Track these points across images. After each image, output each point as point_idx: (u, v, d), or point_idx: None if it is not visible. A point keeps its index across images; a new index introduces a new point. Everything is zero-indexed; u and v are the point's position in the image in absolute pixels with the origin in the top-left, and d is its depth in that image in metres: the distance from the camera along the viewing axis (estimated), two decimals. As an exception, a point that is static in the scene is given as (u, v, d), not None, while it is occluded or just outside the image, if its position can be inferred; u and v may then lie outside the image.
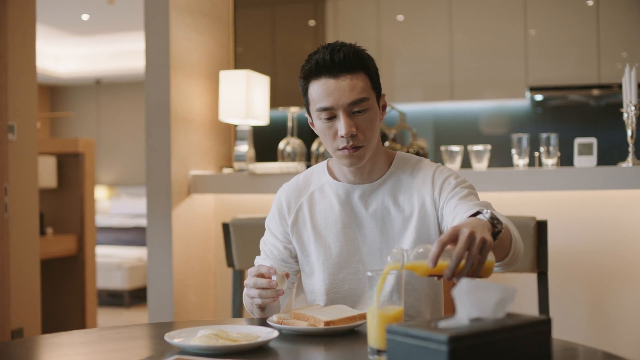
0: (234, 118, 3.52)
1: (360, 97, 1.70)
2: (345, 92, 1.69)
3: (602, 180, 2.93)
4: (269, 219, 1.92)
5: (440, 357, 1.00)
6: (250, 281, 1.63)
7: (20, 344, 1.62)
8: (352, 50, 1.71)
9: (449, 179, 1.79)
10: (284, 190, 1.92)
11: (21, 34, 3.75)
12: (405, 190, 1.81)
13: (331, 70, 1.70)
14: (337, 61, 1.69)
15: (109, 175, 10.46)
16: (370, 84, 1.73)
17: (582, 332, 3.12)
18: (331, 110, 1.71)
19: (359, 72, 1.71)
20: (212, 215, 3.74)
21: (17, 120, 3.67)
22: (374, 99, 1.75)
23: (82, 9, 7.65)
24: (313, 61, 1.72)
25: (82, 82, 10.44)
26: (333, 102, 1.70)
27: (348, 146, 1.71)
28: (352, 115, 1.71)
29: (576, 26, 5.13)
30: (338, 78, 1.70)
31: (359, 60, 1.71)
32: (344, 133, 1.70)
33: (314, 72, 1.72)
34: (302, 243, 1.85)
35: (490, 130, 5.63)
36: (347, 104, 1.70)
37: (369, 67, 1.74)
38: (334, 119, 1.72)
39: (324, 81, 1.71)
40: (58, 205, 5.33)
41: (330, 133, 1.73)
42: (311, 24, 5.66)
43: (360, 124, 1.72)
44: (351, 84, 1.70)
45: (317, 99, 1.72)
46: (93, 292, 5.33)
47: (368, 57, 1.76)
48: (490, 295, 1.10)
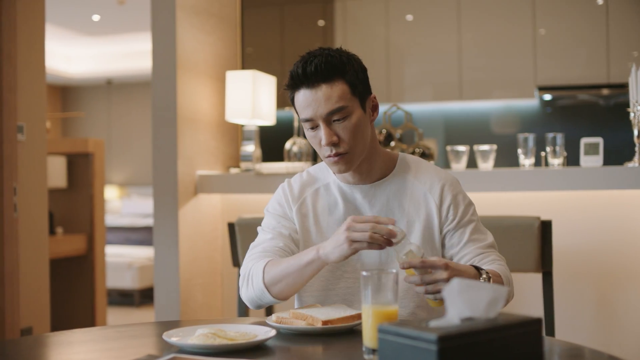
0: (241, 118, 3.53)
1: (337, 107, 1.70)
2: (321, 103, 1.70)
3: (608, 180, 2.92)
4: (272, 206, 1.90)
5: (430, 356, 1.01)
6: (365, 225, 1.54)
7: (19, 342, 1.63)
8: (325, 60, 1.69)
9: (458, 199, 1.83)
10: (289, 182, 1.92)
11: (30, 34, 3.78)
12: (411, 194, 1.82)
13: (306, 81, 1.71)
14: (309, 73, 1.69)
15: (120, 175, 10.50)
16: (349, 90, 1.72)
17: (587, 332, 3.11)
18: (312, 120, 1.73)
19: (334, 81, 1.70)
20: (219, 215, 3.76)
21: (26, 120, 3.70)
22: (355, 105, 1.74)
23: (93, 10, 7.69)
24: (290, 74, 1.74)
25: (93, 83, 10.49)
26: (312, 113, 1.71)
27: (332, 154, 1.73)
28: (332, 124, 1.72)
29: (585, 25, 5.11)
30: (313, 89, 1.70)
31: (332, 69, 1.70)
32: (324, 143, 1.71)
33: (292, 84, 1.74)
34: (303, 234, 1.85)
35: (499, 130, 5.62)
36: (325, 114, 1.70)
37: (347, 73, 1.72)
38: (317, 128, 1.73)
39: (302, 92, 1.72)
40: (68, 205, 5.37)
41: (316, 141, 1.75)
42: (320, 24, 5.67)
43: (340, 132, 1.72)
44: (327, 94, 1.70)
45: (300, 110, 1.75)
46: (103, 292, 5.36)
47: (348, 61, 1.73)
48: (482, 295, 1.10)
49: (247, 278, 1.74)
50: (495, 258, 1.78)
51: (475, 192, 3.13)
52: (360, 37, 5.55)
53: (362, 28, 5.56)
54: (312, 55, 1.72)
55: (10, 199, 3.50)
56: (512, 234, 2.55)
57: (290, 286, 1.67)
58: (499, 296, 1.11)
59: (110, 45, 9.30)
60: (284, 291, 1.68)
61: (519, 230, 2.55)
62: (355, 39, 5.55)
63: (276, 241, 1.81)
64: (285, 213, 1.87)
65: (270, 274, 1.68)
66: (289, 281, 1.66)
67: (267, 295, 1.69)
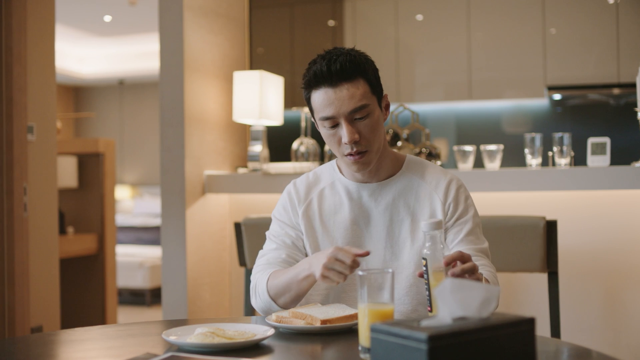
0: (248, 118, 3.54)
1: (361, 105, 1.73)
2: (345, 101, 1.72)
3: (614, 180, 2.91)
4: (278, 211, 1.93)
5: (420, 355, 1.01)
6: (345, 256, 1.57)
7: (17, 341, 1.65)
8: (349, 59, 1.72)
9: (460, 197, 1.84)
10: (294, 184, 1.94)
11: (40, 35, 3.80)
12: (417, 192, 1.84)
13: (329, 80, 1.72)
14: (334, 71, 1.71)
15: (132, 175, 10.55)
16: (369, 89, 1.75)
17: (593, 332, 3.10)
18: (333, 119, 1.74)
19: (357, 79, 1.73)
20: (227, 214, 3.77)
21: (36, 120, 3.73)
22: (374, 103, 1.77)
23: (105, 11, 7.74)
24: (312, 72, 1.75)
25: (105, 83, 10.55)
26: (334, 111, 1.73)
27: (353, 152, 1.75)
28: (353, 122, 1.74)
29: (595, 25, 5.09)
30: (337, 87, 1.72)
31: (356, 68, 1.73)
32: (347, 140, 1.73)
33: (314, 83, 1.75)
34: (310, 236, 1.87)
35: (508, 130, 5.60)
36: (348, 112, 1.72)
37: (367, 72, 1.75)
38: (337, 127, 1.75)
39: (323, 91, 1.74)
40: (79, 204, 5.40)
41: (335, 140, 1.77)
42: (330, 24, 5.67)
43: (362, 130, 1.75)
44: (350, 92, 1.72)
45: (319, 108, 1.75)
46: (113, 291, 5.39)
47: (366, 61, 1.77)
48: (475, 295, 1.10)
49: (255, 290, 1.80)
50: (486, 264, 1.78)
51: (482, 192, 3.13)
52: (370, 37, 5.56)
53: (372, 28, 5.56)
54: (335, 54, 1.74)
55: (20, 199, 3.53)
56: (517, 234, 2.55)
57: (294, 297, 1.72)
58: (491, 296, 1.11)
59: (122, 46, 9.35)
60: (289, 302, 1.73)
61: (525, 230, 2.54)
62: (365, 39, 5.55)
63: (279, 252, 1.86)
64: (289, 219, 1.90)
65: (274, 288, 1.74)
66: (291, 294, 1.71)
67: (274, 305, 1.75)
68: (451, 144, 5.62)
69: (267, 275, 1.76)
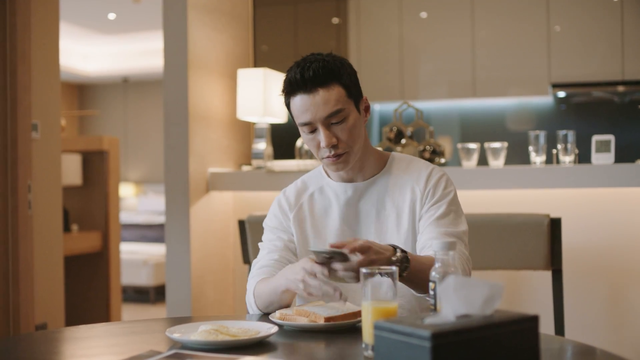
0: (252, 116, 3.54)
1: (336, 110, 1.77)
2: (320, 107, 1.76)
3: (619, 177, 2.91)
4: (269, 219, 1.98)
5: (423, 352, 1.01)
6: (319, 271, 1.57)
7: (20, 338, 1.65)
8: (322, 65, 1.76)
9: (439, 185, 1.85)
10: (284, 193, 1.99)
11: (45, 33, 3.81)
12: (400, 186, 1.87)
13: (304, 87, 1.76)
14: (307, 78, 1.75)
15: (136, 173, 10.56)
16: (345, 93, 1.78)
17: (598, 330, 3.10)
18: (310, 124, 1.78)
19: (331, 85, 1.76)
20: (231, 212, 3.77)
21: (40, 118, 3.73)
22: (351, 107, 1.80)
23: (109, 8, 7.74)
24: (287, 80, 1.80)
25: (109, 81, 10.55)
26: (310, 117, 1.77)
27: (331, 155, 1.79)
28: (330, 127, 1.78)
29: (600, 22, 5.07)
30: (311, 93, 1.76)
31: (329, 74, 1.76)
32: (324, 145, 1.77)
33: (290, 90, 1.80)
34: (302, 240, 1.90)
35: (513, 127, 5.60)
36: (324, 118, 1.76)
37: (342, 77, 1.78)
38: (315, 132, 1.79)
39: (299, 97, 1.78)
40: (83, 202, 5.41)
41: (314, 144, 1.81)
42: (334, 21, 5.67)
43: (339, 134, 1.79)
44: (325, 98, 1.76)
45: (297, 114, 1.80)
46: (118, 288, 5.39)
47: (342, 66, 1.80)
48: (478, 292, 1.10)
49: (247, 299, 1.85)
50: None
51: (486, 189, 3.13)
52: (374, 34, 5.55)
53: (375, 25, 5.55)
54: (309, 61, 1.78)
55: (24, 197, 3.54)
56: (521, 232, 2.55)
57: (280, 306, 1.75)
58: (495, 293, 1.11)
59: (126, 44, 9.35)
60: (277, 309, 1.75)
61: (529, 228, 2.54)
62: (369, 37, 5.54)
63: (272, 254, 1.90)
64: (281, 223, 1.94)
65: (259, 299, 1.78)
66: (275, 306, 1.76)
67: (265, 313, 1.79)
68: (455, 141, 5.61)
69: (254, 284, 1.81)
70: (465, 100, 5.57)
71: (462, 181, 3.09)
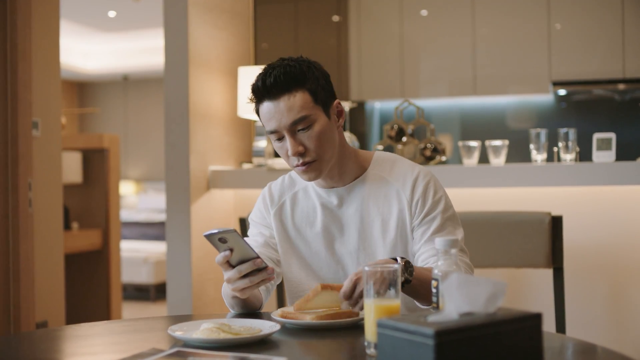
0: (253, 114, 3.53)
1: (300, 116, 1.70)
2: (284, 114, 1.70)
3: (620, 175, 2.91)
4: (254, 213, 1.95)
5: (427, 350, 1.01)
6: (232, 273, 1.58)
7: (22, 336, 1.65)
8: (283, 72, 1.70)
9: (428, 194, 1.79)
10: (269, 187, 1.94)
11: (45, 31, 3.80)
12: (385, 191, 1.82)
13: (267, 94, 1.71)
14: (268, 85, 1.70)
15: (136, 171, 10.56)
16: (311, 99, 1.72)
17: (599, 328, 3.10)
18: (277, 132, 1.72)
19: (294, 91, 1.71)
20: (232, 210, 3.77)
21: (41, 116, 3.73)
22: (319, 113, 1.74)
23: (109, 6, 7.74)
24: (251, 87, 1.75)
25: (109, 79, 10.55)
26: (276, 124, 1.71)
27: (299, 164, 1.73)
28: (296, 134, 1.72)
29: (601, 20, 5.07)
30: (275, 100, 1.71)
31: (291, 80, 1.70)
32: (291, 153, 1.71)
33: (255, 98, 1.76)
34: (283, 238, 1.88)
35: (513, 125, 5.60)
36: (289, 125, 1.70)
37: (307, 82, 1.72)
38: (283, 139, 1.73)
39: (265, 105, 1.73)
40: (83, 200, 5.41)
41: (283, 152, 1.75)
42: (334, 19, 5.66)
43: (306, 141, 1.72)
44: (288, 105, 1.70)
45: (264, 122, 1.75)
46: (118, 286, 5.40)
47: (308, 70, 1.73)
48: (481, 290, 1.10)
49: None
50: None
51: (487, 187, 3.12)
52: (375, 32, 5.55)
53: (376, 23, 5.55)
54: (271, 67, 1.73)
55: (25, 195, 3.54)
56: (522, 230, 2.55)
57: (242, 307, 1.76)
58: (498, 291, 1.11)
59: (127, 42, 9.35)
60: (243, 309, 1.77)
61: (530, 226, 2.54)
62: (370, 35, 5.54)
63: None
64: (263, 218, 1.92)
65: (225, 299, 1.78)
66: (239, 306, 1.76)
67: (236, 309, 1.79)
68: (455, 139, 5.61)
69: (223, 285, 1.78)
70: (466, 98, 5.57)
71: (462, 179, 3.09)
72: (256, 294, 1.76)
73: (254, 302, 1.76)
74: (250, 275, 1.58)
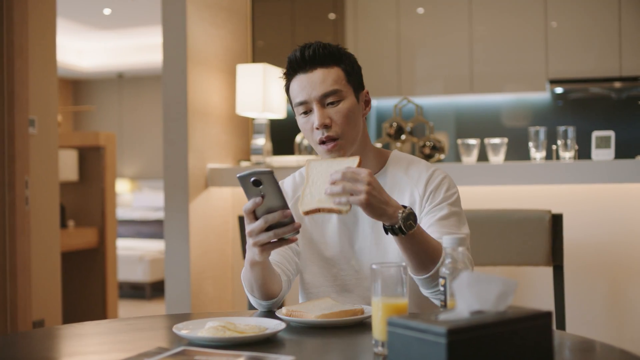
0: (251, 111, 3.53)
1: (332, 89, 1.74)
2: (316, 85, 1.74)
3: (619, 173, 2.91)
4: None
5: (439, 349, 1.00)
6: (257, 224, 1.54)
7: (27, 335, 1.64)
8: (322, 46, 1.75)
9: (440, 188, 1.79)
10: (282, 184, 1.93)
11: (42, 28, 3.79)
12: (400, 188, 1.82)
13: (303, 66, 1.75)
14: (307, 57, 1.74)
15: (131, 169, 10.53)
16: (345, 77, 1.76)
17: (598, 326, 3.10)
18: (306, 104, 1.75)
19: (331, 66, 1.75)
20: (230, 208, 3.76)
21: (37, 114, 3.72)
22: (349, 92, 1.77)
23: (104, 4, 7.71)
24: (287, 60, 1.78)
25: (104, 76, 10.52)
26: (306, 95, 1.74)
27: (324, 138, 1.74)
28: (325, 107, 1.75)
29: (597, 18, 5.08)
30: (310, 72, 1.75)
31: (329, 55, 1.75)
32: (317, 125, 1.73)
33: (290, 71, 1.79)
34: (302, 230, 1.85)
35: (510, 123, 5.60)
36: (319, 96, 1.74)
37: (343, 62, 1.78)
38: (310, 113, 1.76)
39: (298, 77, 1.76)
40: (79, 198, 5.39)
41: (308, 127, 1.77)
42: (331, 17, 5.66)
43: (334, 116, 1.74)
44: (322, 77, 1.74)
45: (294, 95, 1.78)
46: (114, 285, 5.38)
47: (345, 54, 1.79)
48: (491, 288, 1.10)
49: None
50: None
51: (486, 185, 3.12)
52: (371, 30, 5.54)
53: (373, 21, 5.54)
54: (310, 43, 1.76)
55: (22, 192, 3.52)
56: (523, 228, 2.55)
57: (261, 286, 1.71)
58: (508, 289, 1.11)
59: (122, 39, 9.32)
60: (262, 292, 1.72)
61: (530, 224, 2.54)
62: (366, 32, 5.53)
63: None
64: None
65: (245, 284, 1.74)
66: (258, 284, 1.70)
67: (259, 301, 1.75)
68: (451, 137, 5.61)
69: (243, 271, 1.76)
70: (462, 96, 5.57)
71: (462, 177, 3.09)
72: (275, 274, 1.73)
73: (274, 287, 1.73)
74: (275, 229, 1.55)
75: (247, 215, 1.55)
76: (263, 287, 1.71)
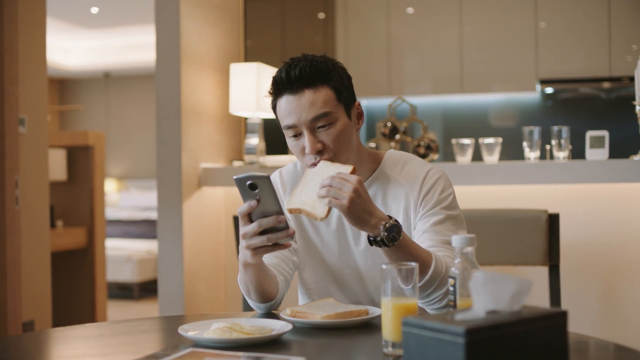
0: (245, 111, 3.51)
1: (322, 112, 1.65)
2: (305, 109, 1.64)
3: (613, 173, 2.92)
4: None
5: (457, 349, 1.00)
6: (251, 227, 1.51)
7: (32, 337, 1.62)
8: (310, 65, 1.66)
9: (434, 191, 1.74)
10: (280, 173, 1.90)
11: (31, 27, 3.76)
12: (394, 189, 1.78)
13: (289, 87, 1.66)
14: (293, 77, 1.65)
15: (118, 168, 10.48)
16: (334, 97, 1.67)
17: (593, 325, 3.11)
18: (295, 127, 1.67)
19: (319, 86, 1.66)
20: (223, 208, 3.74)
21: (27, 113, 3.69)
22: (340, 112, 1.69)
23: (92, 2, 7.66)
24: (273, 79, 1.70)
25: (91, 75, 10.45)
26: (295, 119, 1.65)
27: (316, 162, 1.66)
28: (316, 131, 1.66)
29: (587, 18, 5.10)
30: (297, 94, 1.65)
31: (316, 74, 1.66)
32: (308, 151, 1.65)
33: (276, 91, 1.70)
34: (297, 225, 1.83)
35: (500, 123, 5.62)
36: (310, 120, 1.65)
37: (332, 79, 1.68)
38: (300, 136, 1.67)
39: (285, 98, 1.67)
40: (68, 198, 5.35)
41: (299, 150, 1.69)
42: (321, 16, 5.65)
43: (325, 140, 1.66)
44: (311, 100, 1.65)
45: (282, 117, 1.69)
46: (103, 285, 5.34)
47: (333, 67, 1.69)
48: (506, 288, 1.09)
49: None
50: (447, 255, 1.66)
51: (481, 185, 3.12)
52: (361, 30, 5.54)
53: (363, 21, 5.54)
54: (296, 60, 1.68)
55: (11, 192, 3.48)
56: (519, 227, 2.55)
57: (256, 287, 1.68)
58: (523, 289, 1.10)
59: (109, 38, 9.26)
60: (259, 294, 1.69)
61: (527, 224, 2.54)
62: (356, 32, 5.53)
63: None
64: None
65: (241, 286, 1.71)
66: (253, 285, 1.67)
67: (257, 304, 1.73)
68: (441, 137, 5.62)
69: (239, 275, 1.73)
70: (452, 96, 5.58)
71: (457, 176, 3.09)
72: (271, 275, 1.70)
73: (270, 288, 1.70)
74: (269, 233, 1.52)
75: (241, 217, 1.53)
76: (259, 289, 1.68)
